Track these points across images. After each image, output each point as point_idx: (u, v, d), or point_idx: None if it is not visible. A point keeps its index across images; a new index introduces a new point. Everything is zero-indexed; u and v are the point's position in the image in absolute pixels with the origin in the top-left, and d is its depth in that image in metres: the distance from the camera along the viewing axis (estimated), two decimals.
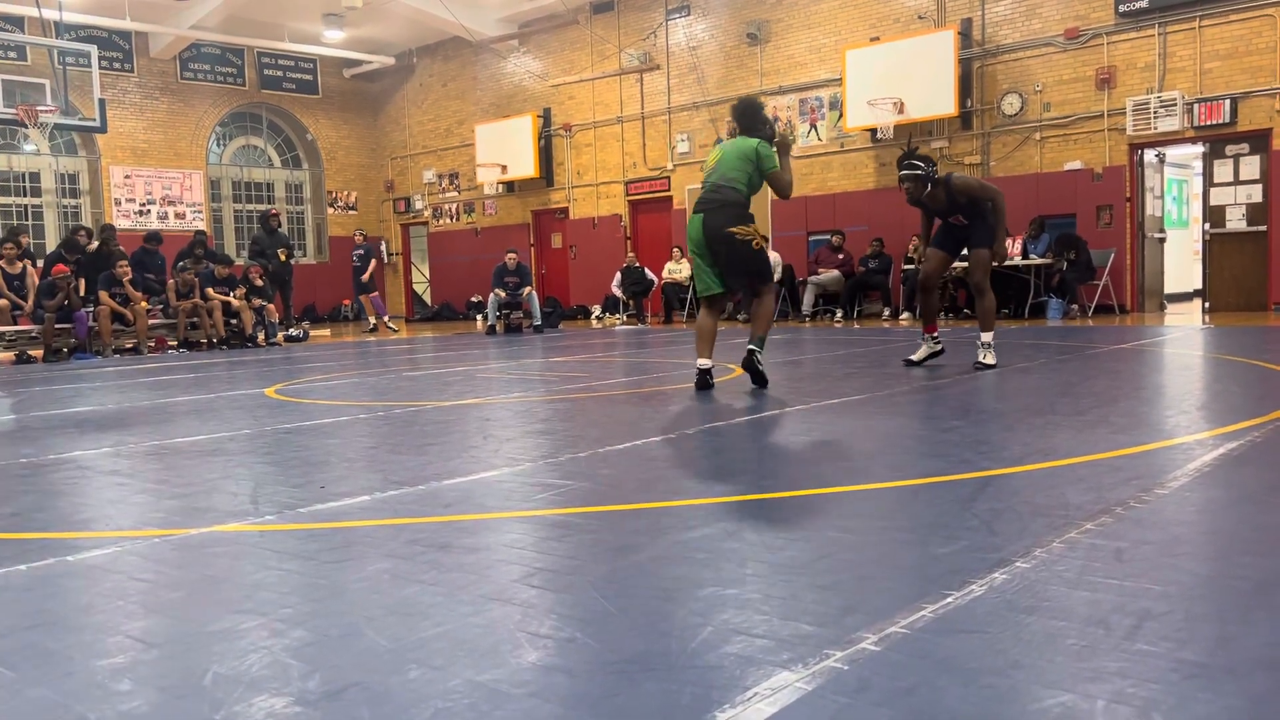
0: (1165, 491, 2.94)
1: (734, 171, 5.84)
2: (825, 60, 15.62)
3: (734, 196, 5.81)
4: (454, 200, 21.72)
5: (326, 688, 1.69)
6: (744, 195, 5.84)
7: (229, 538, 2.80)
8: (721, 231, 5.76)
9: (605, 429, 4.69)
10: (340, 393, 6.88)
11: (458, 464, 3.84)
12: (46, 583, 2.40)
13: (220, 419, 5.51)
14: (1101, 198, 13.39)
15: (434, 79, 21.73)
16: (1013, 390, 5.56)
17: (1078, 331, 10.38)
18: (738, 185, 5.82)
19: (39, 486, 3.68)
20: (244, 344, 13.38)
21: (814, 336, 11.34)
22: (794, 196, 16.16)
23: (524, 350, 10.93)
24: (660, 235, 18.14)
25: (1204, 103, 12.45)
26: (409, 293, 23.30)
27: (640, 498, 3.15)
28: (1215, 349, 7.73)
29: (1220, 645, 1.75)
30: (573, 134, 19.21)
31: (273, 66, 21.17)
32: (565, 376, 7.56)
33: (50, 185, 18.75)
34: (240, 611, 2.12)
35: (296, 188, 22.51)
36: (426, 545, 2.60)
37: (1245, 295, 12.71)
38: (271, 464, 4.01)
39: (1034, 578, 2.15)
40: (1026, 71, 13.85)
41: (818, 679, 1.65)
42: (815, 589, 2.14)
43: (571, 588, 2.21)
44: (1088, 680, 1.61)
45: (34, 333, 12.04)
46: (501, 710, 1.57)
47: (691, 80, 17.36)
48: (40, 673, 1.81)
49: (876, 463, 3.61)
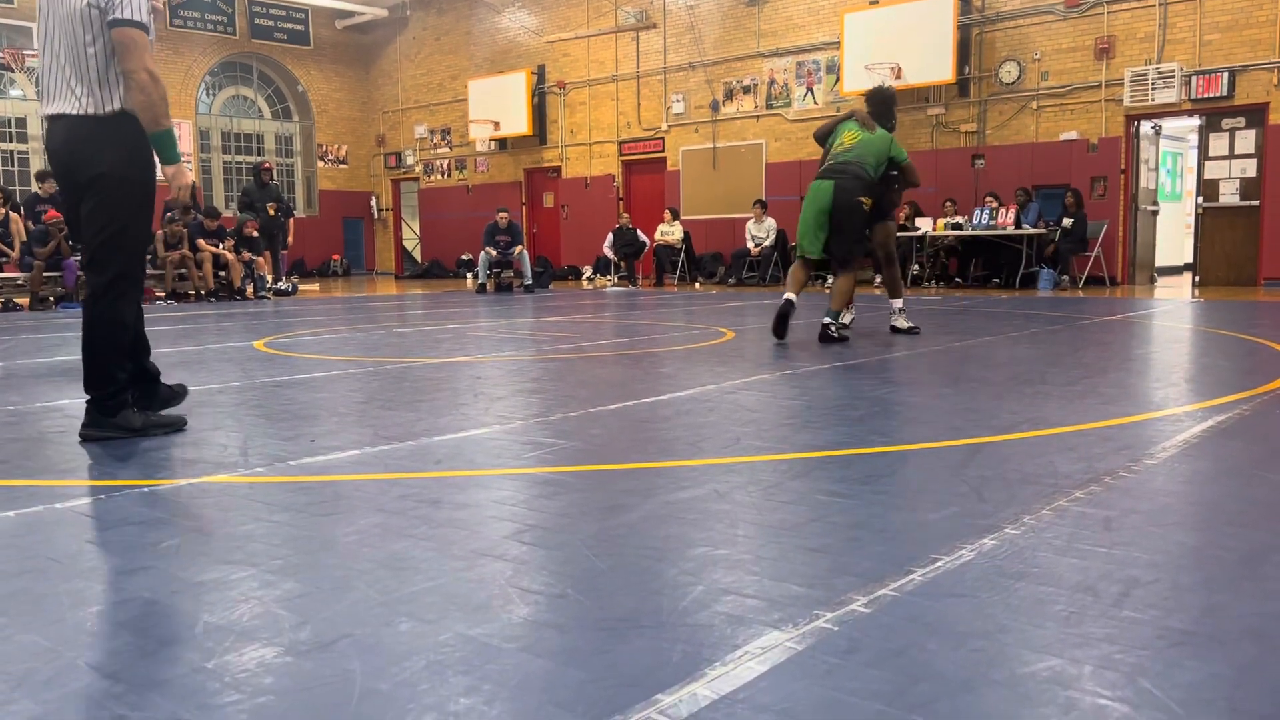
0: (1154, 462, 2.95)
1: (871, 156, 6.51)
2: (823, 23, 15.48)
3: (865, 175, 6.47)
4: (446, 156, 21.55)
5: (318, 639, 1.69)
6: (871, 177, 6.51)
7: (218, 488, 2.79)
8: (852, 199, 6.40)
9: (596, 389, 4.68)
10: (330, 347, 6.86)
11: (448, 420, 3.84)
12: (35, 530, 2.39)
13: (209, 371, 5.48)
14: (1096, 169, 13.37)
15: (427, 32, 21.47)
16: (1003, 360, 5.58)
17: (1068, 303, 10.40)
18: (868, 167, 6.49)
19: (26, 434, 3.65)
20: (232, 297, 13.31)
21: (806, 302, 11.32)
22: (787, 160, 16.13)
23: (515, 309, 10.90)
24: (653, 197, 18.05)
25: (1202, 75, 12.40)
26: (399, 249, 23.18)
27: (632, 458, 3.15)
28: (1205, 323, 7.76)
29: (1206, 613, 1.76)
30: (567, 92, 19.04)
31: (264, 16, 20.87)
32: (556, 336, 7.54)
33: (36, 131, 18.50)
34: (230, 562, 2.12)
35: (286, 140, 22.29)
36: (417, 500, 2.60)
37: (1235, 270, 12.75)
38: (261, 417, 4.00)
39: (1023, 544, 2.16)
40: (1025, 39, 13.76)
41: (808, 639, 1.66)
42: (806, 551, 2.15)
43: (563, 545, 2.21)
44: (1075, 646, 1.62)
45: (20, 280, 11.93)
46: (493, 664, 1.58)
47: (688, 40, 17.19)
48: (30, 618, 1.81)
49: (866, 428, 3.62)
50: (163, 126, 3.40)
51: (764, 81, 16.35)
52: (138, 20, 3.36)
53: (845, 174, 6.42)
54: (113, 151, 3.38)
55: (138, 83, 3.34)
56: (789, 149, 16.16)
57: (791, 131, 16.12)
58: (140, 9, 3.37)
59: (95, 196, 3.38)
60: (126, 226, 3.44)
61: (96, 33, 3.35)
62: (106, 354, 3.46)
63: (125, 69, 3.35)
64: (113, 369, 3.47)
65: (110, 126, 3.38)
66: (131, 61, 3.34)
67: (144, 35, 3.37)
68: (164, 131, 3.42)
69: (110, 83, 3.38)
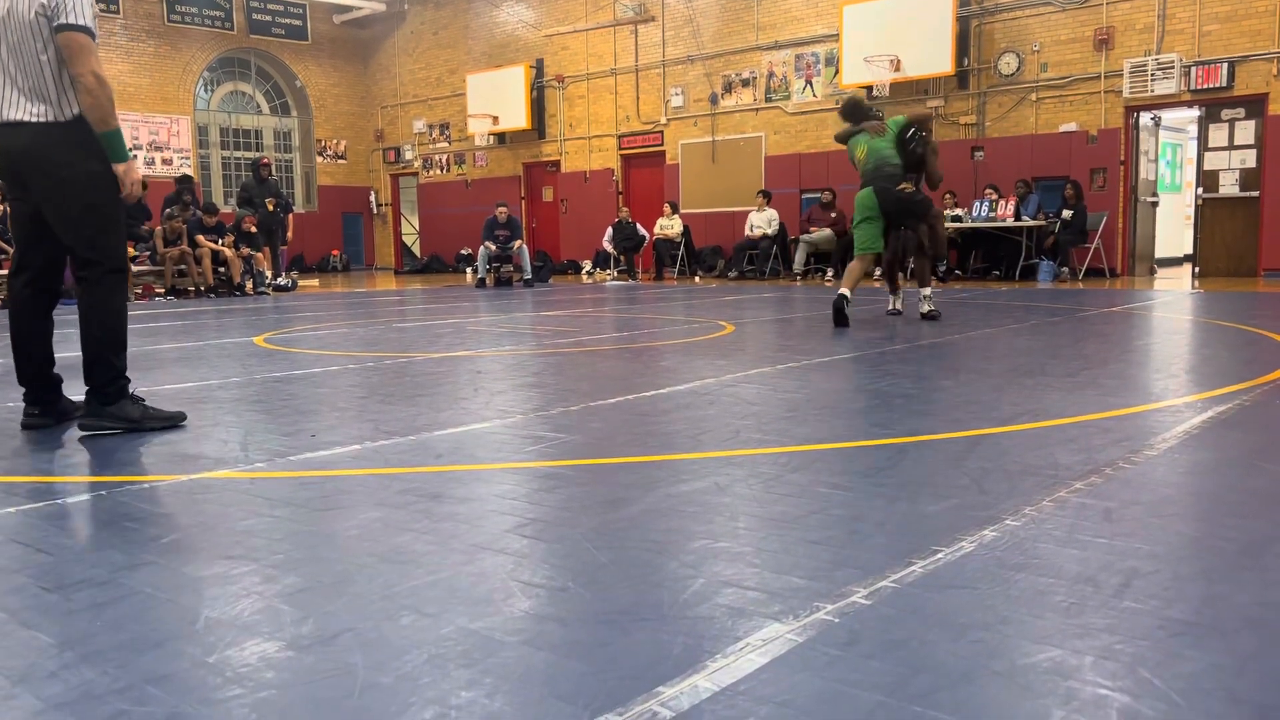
0: (1154, 453, 2.95)
1: (888, 150, 7.43)
2: (822, 15, 15.45)
3: (893, 170, 7.39)
4: (444, 151, 21.52)
5: (319, 633, 1.69)
6: (899, 166, 7.40)
7: (219, 484, 2.79)
8: (893, 193, 7.33)
9: (596, 383, 4.68)
10: (330, 343, 6.86)
11: (449, 415, 3.84)
12: (36, 526, 2.39)
13: (209, 366, 5.48)
14: (1095, 160, 13.34)
15: (425, 26, 21.43)
16: (1003, 351, 5.58)
17: (1068, 294, 10.39)
18: (891, 161, 7.40)
19: (23, 431, 3.65)
20: (232, 292, 13.30)
21: (805, 295, 11.34)
22: (787, 153, 16.11)
23: (514, 304, 10.89)
24: (653, 190, 18.03)
25: (1201, 66, 12.38)
26: (398, 244, 23.16)
27: (632, 451, 3.15)
28: (1205, 314, 7.75)
29: (1207, 604, 1.77)
30: (565, 86, 19.01)
31: (261, 11, 20.82)
32: (556, 331, 7.54)
33: None
34: (231, 557, 2.12)
35: (285, 135, 22.26)
36: (418, 495, 2.60)
37: (1235, 261, 12.74)
38: (261, 412, 4.00)
39: (1023, 535, 2.16)
40: (1025, 30, 13.73)
41: (808, 631, 1.66)
42: (806, 543, 2.15)
43: (563, 538, 2.22)
44: (1076, 636, 1.62)
45: None
46: (494, 657, 1.58)
47: (687, 33, 17.16)
48: (31, 614, 1.81)
49: (867, 421, 3.62)
50: (111, 126, 3.48)
51: (763, 74, 16.32)
52: (83, 25, 3.42)
53: (879, 175, 7.37)
54: (80, 152, 3.46)
55: (85, 85, 3.42)
56: (788, 142, 16.14)
57: (791, 124, 16.10)
58: (85, 14, 3.44)
59: (70, 197, 3.47)
60: (108, 218, 3.56)
61: (46, 40, 3.43)
62: (103, 344, 3.54)
63: (73, 72, 3.42)
64: (110, 358, 3.55)
65: (74, 130, 3.46)
66: (79, 65, 3.41)
67: (90, 39, 3.44)
68: (112, 131, 3.49)
69: (64, 87, 3.45)
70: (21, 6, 3.40)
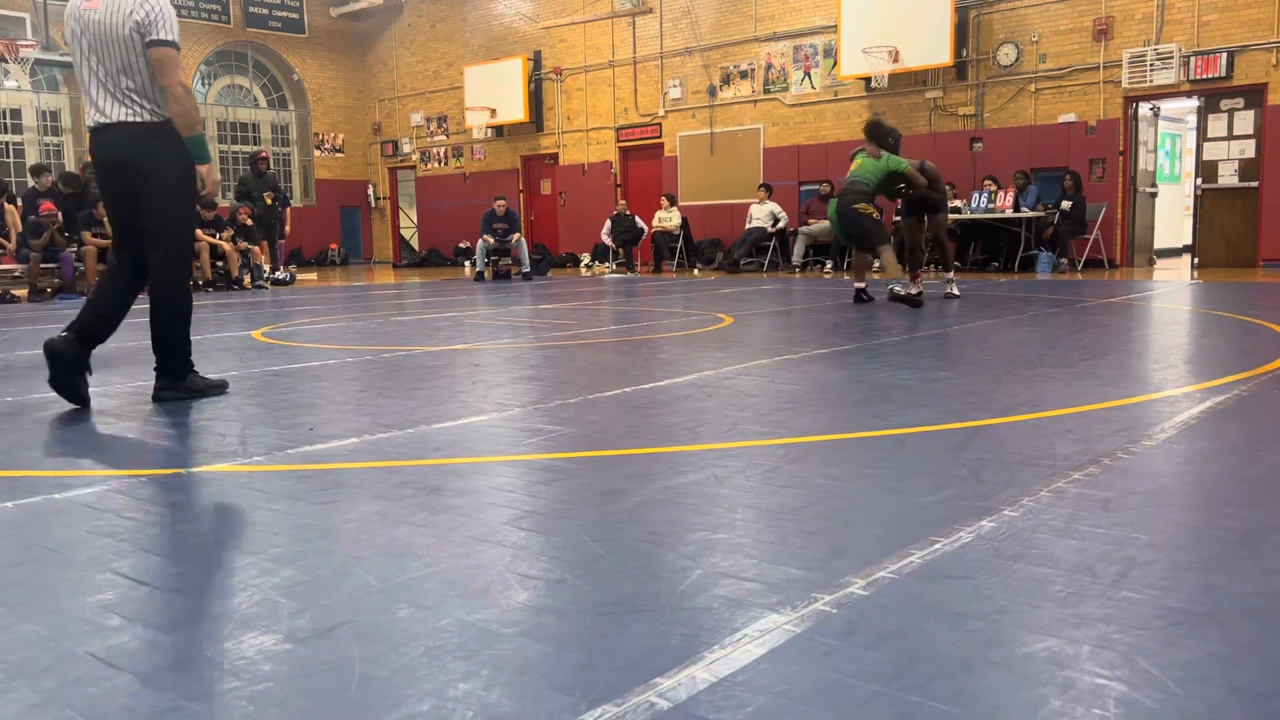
0: (1152, 443, 2.95)
1: (869, 174, 8.15)
2: (820, 6, 15.41)
3: (865, 188, 8.13)
4: (442, 144, 21.48)
5: (317, 626, 1.69)
6: (871, 189, 8.13)
7: (217, 477, 2.79)
8: (848, 208, 8.16)
9: (594, 375, 4.68)
10: (328, 336, 6.85)
11: (447, 408, 3.84)
12: (35, 519, 2.39)
13: (207, 361, 5.47)
14: (1094, 151, 13.33)
15: (423, 19, 21.38)
16: (1001, 342, 5.57)
17: (1067, 285, 10.39)
18: (868, 182, 8.14)
19: (24, 425, 3.65)
20: (230, 286, 13.28)
21: (804, 287, 11.33)
22: (785, 145, 16.09)
23: (513, 297, 10.89)
24: (651, 183, 18.01)
25: (1201, 56, 12.36)
26: (396, 238, 23.13)
27: (629, 444, 3.15)
28: (1203, 304, 7.75)
29: (1204, 593, 1.77)
30: (563, 78, 18.97)
31: (258, 4, 20.76)
32: (554, 324, 7.54)
33: (32, 122, 18.46)
34: (229, 550, 2.12)
35: (282, 129, 22.21)
36: (416, 488, 2.60)
37: (1234, 251, 12.73)
38: (259, 406, 4.00)
39: (1021, 526, 2.16)
40: (1023, 21, 13.70)
41: (806, 622, 1.66)
42: (804, 534, 2.15)
43: (561, 530, 2.22)
44: (1073, 626, 1.62)
45: (18, 272, 11.91)
46: (492, 649, 1.58)
47: (685, 25, 17.12)
48: (30, 608, 1.81)
49: (864, 412, 3.62)
50: (196, 131, 3.96)
51: (761, 66, 16.29)
52: (172, 40, 3.90)
53: (848, 192, 8.18)
54: (174, 151, 3.95)
55: (173, 95, 3.89)
56: (786, 134, 16.12)
57: (789, 116, 16.07)
58: (173, 29, 3.91)
59: (161, 189, 3.93)
60: (186, 211, 4.08)
61: (140, 52, 3.89)
62: (173, 326, 4.03)
63: (163, 83, 3.89)
64: (179, 340, 4.06)
65: (168, 130, 3.94)
66: (168, 77, 3.89)
67: (177, 53, 3.91)
68: (197, 135, 3.98)
69: (156, 94, 3.93)
70: (116, 21, 3.85)
